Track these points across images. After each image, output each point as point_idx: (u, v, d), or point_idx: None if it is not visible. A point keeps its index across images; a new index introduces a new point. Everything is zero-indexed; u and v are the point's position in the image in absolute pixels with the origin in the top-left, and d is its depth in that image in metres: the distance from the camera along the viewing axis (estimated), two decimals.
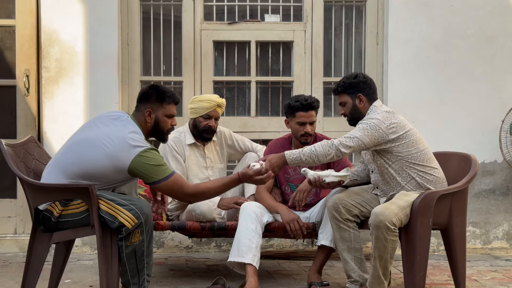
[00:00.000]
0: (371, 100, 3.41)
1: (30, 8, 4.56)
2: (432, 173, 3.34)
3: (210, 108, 3.79)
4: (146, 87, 3.18)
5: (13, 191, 4.60)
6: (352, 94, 3.40)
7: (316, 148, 3.21)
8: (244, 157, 4.01)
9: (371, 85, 3.43)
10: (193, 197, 3.08)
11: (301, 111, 3.70)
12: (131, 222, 2.93)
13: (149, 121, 3.10)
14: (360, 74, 3.46)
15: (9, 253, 4.47)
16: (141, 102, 3.13)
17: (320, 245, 3.58)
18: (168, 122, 3.13)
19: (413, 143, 3.29)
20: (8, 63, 4.64)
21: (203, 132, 3.82)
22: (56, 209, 3.01)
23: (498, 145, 4.51)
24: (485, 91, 4.65)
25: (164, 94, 3.11)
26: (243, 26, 4.74)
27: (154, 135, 3.16)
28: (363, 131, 3.23)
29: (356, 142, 3.20)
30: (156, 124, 3.11)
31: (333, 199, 3.39)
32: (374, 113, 3.33)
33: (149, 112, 3.09)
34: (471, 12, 4.63)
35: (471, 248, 4.63)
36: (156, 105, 3.10)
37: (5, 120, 4.63)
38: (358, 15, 4.87)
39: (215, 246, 4.66)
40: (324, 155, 3.20)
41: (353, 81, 3.40)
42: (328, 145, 3.20)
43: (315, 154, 3.20)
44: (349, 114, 3.45)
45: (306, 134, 3.72)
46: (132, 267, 2.99)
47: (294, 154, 3.23)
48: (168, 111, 3.12)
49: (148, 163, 2.93)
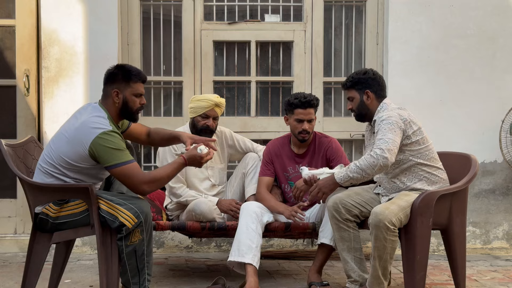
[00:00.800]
0: (379, 97, 3.41)
1: (30, 8, 4.56)
2: (437, 174, 3.34)
3: (208, 108, 3.78)
4: (111, 68, 3.11)
5: (13, 191, 4.60)
6: (360, 90, 3.40)
7: (361, 162, 3.16)
8: (245, 157, 4.00)
9: (380, 82, 3.43)
10: (147, 185, 2.96)
11: (300, 108, 3.70)
12: (131, 221, 2.93)
13: (117, 102, 3.05)
14: (369, 70, 3.45)
15: (9, 253, 4.47)
16: (108, 84, 3.08)
17: (320, 244, 3.58)
18: (136, 101, 3.09)
19: (423, 141, 3.31)
20: (8, 63, 4.64)
21: (201, 131, 3.82)
22: (50, 210, 3.01)
23: (498, 145, 4.51)
24: (485, 91, 4.65)
25: (130, 73, 3.06)
26: (243, 26, 4.74)
27: (124, 116, 3.12)
28: (390, 131, 3.19)
29: (393, 143, 3.16)
30: (125, 104, 3.06)
31: (333, 199, 3.39)
32: (386, 110, 3.32)
33: (117, 93, 3.04)
34: (471, 12, 4.63)
35: (471, 248, 4.63)
36: (123, 85, 3.05)
37: (5, 120, 4.63)
38: (358, 15, 4.87)
39: (215, 246, 4.66)
40: (371, 167, 3.14)
41: (362, 77, 3.41)
42: (370, 157, 3.15)
43: (361, 169, 3.16)
44: (356, 110, 3.45)
45: (303, 132, 3.72)
46: (133, 267, 2.99)
47: (342, 173, 3.22)
48: (136, 90, 3.08)
49: (106, 146, 2.90)
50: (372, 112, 3.41)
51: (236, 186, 3.99)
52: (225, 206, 3.78)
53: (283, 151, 3.86)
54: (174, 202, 3.86)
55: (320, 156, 3.80)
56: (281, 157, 3.84)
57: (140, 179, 2.95)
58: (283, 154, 3.85)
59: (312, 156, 3.82)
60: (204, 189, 3.89)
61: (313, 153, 3.82)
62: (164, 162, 3.81)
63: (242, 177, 3.96)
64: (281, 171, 3.84)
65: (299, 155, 3.83)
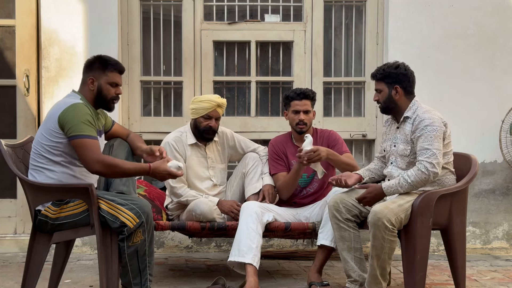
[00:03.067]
0: (408, 93, 3.39)
1: (30, 8, 4.56)
2: (450, 178, 3.35)
3: (210, 109, 3.78)
4: (90, 58, 3.20)
5: (13, 191, 4.60)
6: (390, 84, 3.37)
7: (412, 179, 3.16)
8: (245, 157, 4.01)
9: (411, 78, 3.40)
10: (101, 164, 2.93)
11: (296, 100, 3.80)
12: (132, 221, 2.93)
13: (92, 89, 3.12)
14: (401, 65, 3.42)
15: (9, 253, 4.47)
16: (85, 72, 3.16)
17: (320, 245, 3.58)
18: (111, 90, 3.14)
19: (450, 144, 3.33)
20: (8, 63, 4.64)
21: (204, 132, 3.82)
22: (50, 211, 3.02)
23: (498, 145, 4.51)
24: (485, 91, 4.65)
25: (107, 62, 3.14)
26: (243, 26, 4.74)
27: (99, 104, 3.16)
28: (436, 138, 3.20)
29: (440, 154, 3.18)
30: (99, 92, 3.12)
31: (334, 199, 3.39)
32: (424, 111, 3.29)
33: (92, 80, 3.11)
34: (471, 12, 4.63)
35: (471, 248, 4.63)
36: (99, 73, 3.12)
37: (5, 120, 4.63)
38: (358, 15, 4.87)
39: (215, 246, 4.66)
40: (422, 182, 3.17)
41: (394, 71, 3.37)
42: (420, 172, 3.16)
43: (413, 185, 3.18)
44: (383, 103, 3.42)
45: (300, 122, 3.80)
46: (134, 268, 2.99)
47: (392, 188, 3.22)
48: (111, 79, 3.13)
49: (72, 116, 2.95)
50: (399, 107, 3.39)
51: (236, 186, 3.99)
52: (226, 207, 3.78)
53: (286, 146, 3.92)
54: (174, 202, 3.85)
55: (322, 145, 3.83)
56: (285, 152, 3.90)
57: (96, 156, 2.95)
58: (286, 150, 3.91)
59: None
60: (205, 188, 3.89)
61: (315, 144, 3.85)
62: None
63: (242, 177, 3.96)
64: (287, 164, 3.89)
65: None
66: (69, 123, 2.95)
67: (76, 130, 2.94)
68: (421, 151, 3.20)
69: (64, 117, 2.96)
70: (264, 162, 3.97)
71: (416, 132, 3.26)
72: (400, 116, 3.40)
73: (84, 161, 2.96)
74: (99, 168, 2.95)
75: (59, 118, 2.97)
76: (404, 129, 3.36)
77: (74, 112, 2.96)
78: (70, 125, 2.94)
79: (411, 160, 3.32)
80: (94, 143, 2.96)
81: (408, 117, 3.35)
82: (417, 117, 3.29)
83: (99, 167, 2.95)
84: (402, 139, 3.36)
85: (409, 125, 3.33)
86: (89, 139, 2.95)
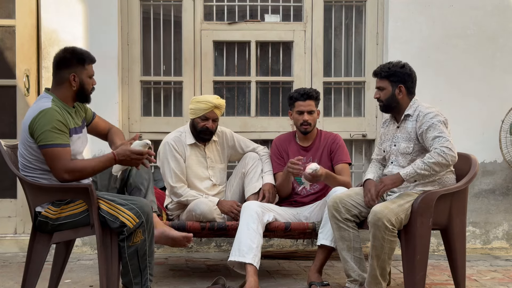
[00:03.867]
0: (410, 93, 3.40)
1: (30, 8, 4.56)
2: (450, 178, 3.35)
3: (207, 110, 3.78)
4: (60, 53, 3.11)
5: (13, 191, 4.60)
6: (394, 83, 3.38)
7: (429, 160, 3.13)
8: (244, 157, 4.01)
9: (414, 79, 3.43)
10: (69, 173, 2.92)
11: (299, 101, 3.83)
12: (132, 221, 2.93)
13: (74, 85, 3.07)
14: (407, 64, 3.43)
15: (9, 253, 4.47)
16: (61, 69, 3.07)
17: (320, 245, 3.59)
18: (90, 82, 3.13)
19: None
20: (8, 63, 4.64)
21: (201, 133, 3.83)
22: (50, 212, 3.01)
23: (498, 145, 4.51)
24: (485, 91, 4.64)
25: (83, 56, 3.09)
26: (243, 26, 4.74)
27: (79, 99, 3.13)
28: (444, 128, 3.21)
29: (452, 140, 3.18)
30: (81, 87, 3.09)
31: (333, 198, 3.39)
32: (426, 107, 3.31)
33: (73, 76, 3.06)
34: (471, 12, 4.63)
35: (471, 248, 4.63)
36: (79, 68, 3.08)
37: (5, 120, 4.63)
38: (358, 15, 4.86)
39: (215, 246, 4.66)
40: (440, 164, 3.14)
41: (400, 70, 3.39)
42: (436, 154, 3.13)
43: (430, 166, 3.14)
44: (384, 101, 3.42)
45: (304, 123, 3.82)
46: (135, 268, 2.99)
47: (408, 169, 3.18)
48: (90, 72, 3.13)
49: (40, 125, 2.90)
50: (401, 106, 3.40)
51: (236, 186, 3.99)
52: (226, 207, 3.78)
53: (289, 145, 3.96)
54: (174, 202, 3.86)
55: (325, 148, 3.89)
56: (287, 150, 3.93)
57: (63, 165, 2.92)
58: (289, 148, 3.94)
59: (317, 149, 3.91)
60: (205, 188, 3.89)
61: (318, 146, 3.92)
62: (164, 161, 3.82)
63: (242, 177, 3.97)
64: None
65: (305, 148, 3.93)
66: (37, 132, 2.92)
67: (44, 139, 2.91)
68: (433, 140, 3.18)
69: (32, 127, 2.93)
70: (264, 161, 3.97)
71: (423, 126, 3.26)
72: (400, 115, 3.40)
73: (53, 170, 2.94)
74: (67, 177, 2.93)
75: (29, 128, 2.94)
76: (405, 127, 3.37)
77: (41, 120, 2.91)
78: (37, 134, 2.91)
79: (413, 158, 3.32)
80: (61, 151, 2.92)
81: (409, 115, 3.35)
82: (419, 113, 3.31)
83: (67, 176, 2.93)
84: (404, 137, 3.36)
85: (411, 122, 3.34)
86: (58, 147, 2.91)
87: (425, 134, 3.24)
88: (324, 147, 3.89)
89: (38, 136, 2.91)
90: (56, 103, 3.00)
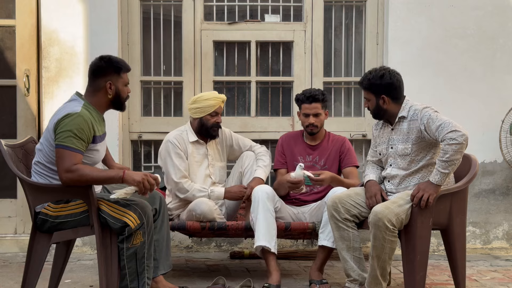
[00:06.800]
0: (396, 99, 3.36)
1: (30, 8, 4.56)
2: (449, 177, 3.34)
3: (216, 106, 3.84)
4: (97, 61, 3.16)
5: (13, 191, 4.60)
6: (377, 94, 3.36)
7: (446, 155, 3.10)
8: (241, 157, 4.02)
9: (397, 84, 3.34)
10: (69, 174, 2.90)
11: (305, 103, 3.84)
12: (134, 222, 2.93)
13: (110, 93, 3.13)
14: (387, 74, 3.34)
15: (9, 253, 4.47)
16: (98, 77, 3.13)
17: (320, 245, 3.59)
18: (125, 90, 3.19)
19: None
20: (8, 63, 4.64)
21: (212, 129, 3.86)
22: (50, 210, 3.02)
23: (498, 145, 4.51)
24: (485, 91, 4.65)
25: (119, 65, 3.15)
26: (243, 26, 4.74)
27: (114, 106, 3.19)
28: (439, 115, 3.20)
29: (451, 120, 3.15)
30: (117, 94, 3.15)
31: (333, 198, 3.39)
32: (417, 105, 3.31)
33: (110, 84, 3.12)
34: (471, 12, 4.63)
35: (471, 248, 4.63)
36: (115, 77, 3.13)
37: (5, 120, 4.63)
38: (358, 15, 4.87)
39: (215, 246, 4.66)
40: (458, 151, 3.10)
41: (378, 82, 3.33)
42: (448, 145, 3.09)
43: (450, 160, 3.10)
44: (372, 111, 3.43)
45: (310, 125, 3.84)
46: (132, 271, 2.98)
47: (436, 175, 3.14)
48: (126, 80, 3.19)
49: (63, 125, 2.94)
50: (390, 113, 3.38)
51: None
52: (235, 189, 3.85)
53: (295, 142, 3.97)
54: (177, 200, 3.85)
55: (332, 149, 3.90)
56: (292, 147, 3.95)
57: (66, 166, 2.91)
58: (295, 145, 3.95)
59: (324, 149, 3.92)
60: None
61: (326, 146, 3.93)
62: (167, 159, 3.81)
63: (240, 176, 3.97)
64: (291, 161, 3.92)
65: (312, 146, 3.94)
66: (57, 131, 2.96)
67: (59, 139, 2.94)
68: (438, 130, 3.15)
69: (57, 125, 2.97)
70: (258, 158, 3.97)
71: (423, 120, 3.25)
72: (394, 118, 3.39)
73: (58, 170, 2.95)
74: (65, 178, 2.92)
75: (54, 126, 2.98)
76: (400, 129, 3.36)
77: (65, 121, 2.95)
78: (57, 133, 2.96)
79: (412, 159, 3.32)
80: (70, 154, 2.92)
81: (404, 116, 3.34)
82: (414, 112, 3.30)
83: (65, 177, 2.92)
84: (400, 139, 3.36)
85: (407, 123, 3.33)
86: (68, 149, 2.92)
87: (428, 128, 3.22)
88: (332, 148, 3.91)
89: (57, 134, 2.95)
90: (87, 108, 3.04)
